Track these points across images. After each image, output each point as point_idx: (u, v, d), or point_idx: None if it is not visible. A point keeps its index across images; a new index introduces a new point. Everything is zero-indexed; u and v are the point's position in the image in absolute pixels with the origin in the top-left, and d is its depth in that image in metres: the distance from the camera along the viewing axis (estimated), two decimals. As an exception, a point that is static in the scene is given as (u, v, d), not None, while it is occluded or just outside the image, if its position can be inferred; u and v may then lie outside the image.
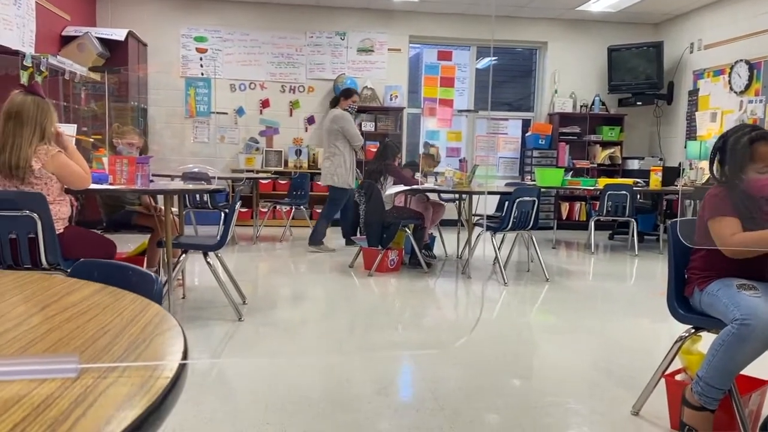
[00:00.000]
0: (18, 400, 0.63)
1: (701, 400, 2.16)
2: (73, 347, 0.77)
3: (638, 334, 3.87)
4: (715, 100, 7.51)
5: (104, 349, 0.77)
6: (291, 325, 3.75)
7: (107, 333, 0.83)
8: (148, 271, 1.13)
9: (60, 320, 0.88)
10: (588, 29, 8.83)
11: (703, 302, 2.30)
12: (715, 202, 2.26)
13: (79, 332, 0.84)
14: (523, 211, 5.14)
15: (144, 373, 0.68)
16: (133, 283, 1.09)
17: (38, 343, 0.79)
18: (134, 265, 1.20)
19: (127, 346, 0.78)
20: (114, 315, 0.91)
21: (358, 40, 8.61)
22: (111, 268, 1.19)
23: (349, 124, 6.42)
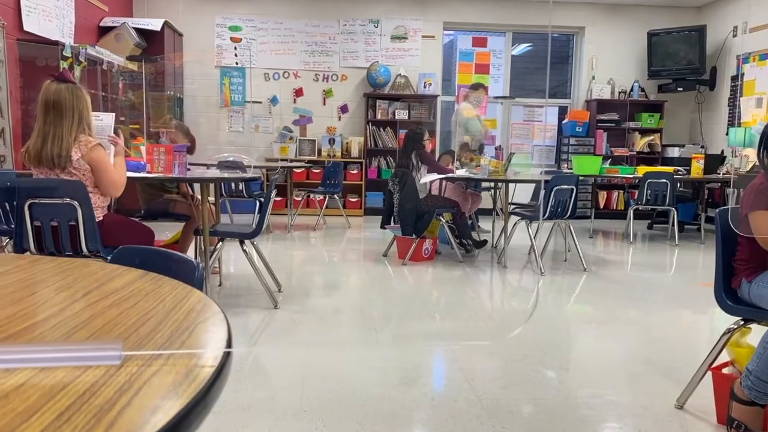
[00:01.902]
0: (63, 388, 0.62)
1: (751, 395, 2.08)
2: (117, 334, 0.76)
3: (680, 326, 3.77)
4: (761, 84, 7.26)
5: (147, 336, 0.76)
6: (326, 314, 3.75)
7: (150, 319, 0.82)
8: (189, 258, 1.12)
9: (102, 306, 0.87)
10: (627, 13, 8.61)
11: (753, 293, 2.22)
12: (755, 194, 2.17)
13: (122, 318, 0.83)
14: (560, 200, 5.05)
15: (188, 362, 0.67)
16: (174, 269, 1.09)
17: (82, 330, 0.78)
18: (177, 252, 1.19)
19: (171, 334, 0.76)
20: (156, 301, 0.90)
21: (392, 28, 8.54)
22: (151, 255, 1.19)
23: (471, 118, 6.64)
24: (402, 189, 5.26)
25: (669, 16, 8.52)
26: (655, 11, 8.56)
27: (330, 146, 8.45)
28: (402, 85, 8.53)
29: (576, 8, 8.60)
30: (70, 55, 5.77)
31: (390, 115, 8.47)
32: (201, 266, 1.09)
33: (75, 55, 5.88)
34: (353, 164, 8.41)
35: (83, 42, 6.44)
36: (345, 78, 8.53)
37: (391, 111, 8.49)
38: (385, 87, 8.46)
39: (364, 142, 8.42)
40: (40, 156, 2.86)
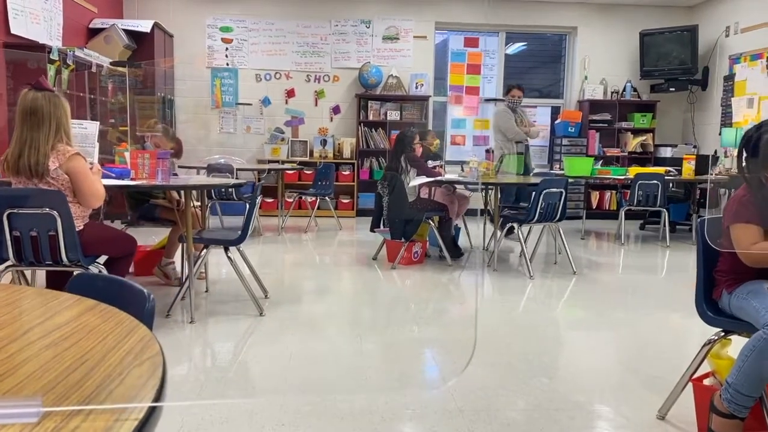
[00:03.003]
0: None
1: (730, 408, 2.07)
2: (44, 383, 0.74)
3: (669, 331, 3.76)
4: (752, 85, 7.24)
5: (76, 385, 0.74)
6: (311, 321, 3.73)
7: (85, 363, 0.79)
8: (141, 288, 1.10)
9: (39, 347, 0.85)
10: (619, 13, 8.59)
11: (733, 305, 2.20)
12: (737, 207, 2.16)
13: (56, 363, 0.81)
14: (549, 203, 5.03)
15: (110, 416, 0.65)
16: (127, 299, 1.06)
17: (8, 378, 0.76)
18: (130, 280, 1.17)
19: (101, 381, 0.74)
20: (97, 340, 0.87)
21: (384, 28, 8.51)
22: (106, 283, 1.17)
23: (503, 119, 6.83)
24: (391, 192, 5.24)
25: (661, 16, 8.51)
26: (648, 11, 8.54)
27: (322, 147, 8.42)
28: (394, 85, 8.51)
29: (568, 8, 8.58)
30: (57, 58, 5.74)
31: (382, 116, 8.45)
32: (152, 297, 1.07)
33: (62, 57, 5.85)
34: (345, 165, 8.39)
35: (72, 44, 6.40)
36: (337, 79, 8.50)
37: (383, 112, 8.46)
38: (376, 88, 8.43)
39: (356, 143, 8.40)
40: (18, 165, 2.83)
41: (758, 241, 2.11)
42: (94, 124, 3.45)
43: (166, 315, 3.66)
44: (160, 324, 3.52)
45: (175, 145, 4.64)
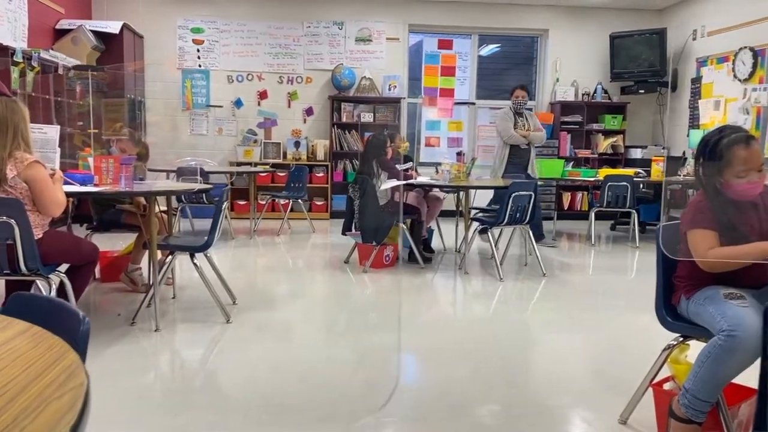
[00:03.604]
0: None
1: (688, 413, 2.09)
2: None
3: (636, 333, 3.79)
4: (718, 87, 7.36)
5: (-9, 419, 0.71)
6: (281, 327, 3.70)
7: (5, 395, 0.77)
8: (76, 310, 1.07)
9: (-39, 377, 0.82)
10: (590, 16, 8.68)
11: (690, 311, 2.23)
12: (693, 212, 2.19)
13: (-27, 394, 0.78)
14: (519, 206, 5.06)
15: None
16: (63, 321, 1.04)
17: None
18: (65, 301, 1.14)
19: (17, 415, 0.72)
20: (23, 368, 0.85)
21: (356, 30, 8.50)
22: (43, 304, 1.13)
23: (501, 122, 6.63)
24: (362, 196, 5.23)
25: (631, 18, 8.61)
26: (617, 14, 8.64)
27: (295, 149, 8.38)
28: (367, 87, 8.49)
29: (539, 10, 8.65)
30: (21, 59, 5.63)
31: (355, 118, 8.43)
32: (87, 320, 1.04)
33: (27, 59, 5.74)
34: (319, 167, 8.36)
35: (37, 45, 6.28)
36: (310, 80, 8.46)
37: (356, 113, 8.45)
38: (350, 89, 8.41)
39: (330, 145, 8.37)
40: (-26, 174, 2.76)
41: (715, 246, 2.13)
42: (55, 129, 3.38)
43: (131, 323, 3.60)
44: (124, 332, 3.47)
45: (141, 149, 4.57)
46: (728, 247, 2.10)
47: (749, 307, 2.03)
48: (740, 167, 2.10)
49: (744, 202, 2.16)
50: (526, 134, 6.53)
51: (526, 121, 6.62)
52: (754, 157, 2.11)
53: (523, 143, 6.53)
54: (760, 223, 2.20)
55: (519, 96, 6.57)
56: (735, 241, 2.10)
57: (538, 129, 6.62)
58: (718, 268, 2.13)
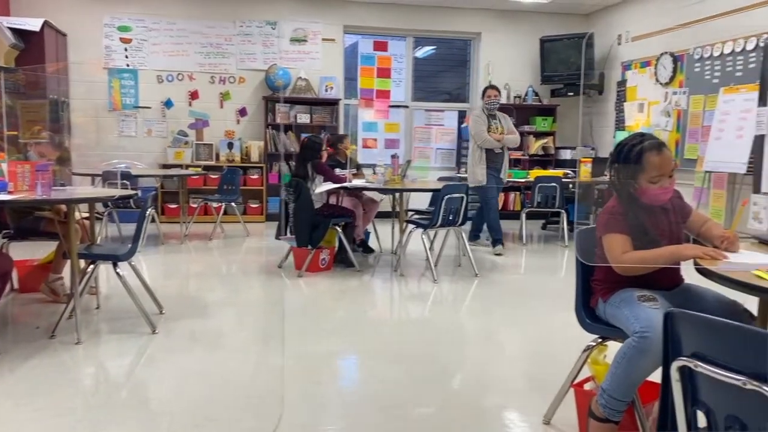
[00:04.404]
0: None
1: (605, 412, 2.16)
2: None
3: (564, 333, 3.88)
4: (642, 90, 7.66)
5: None
6: (211, 335, 3.62)
7: None
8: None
9: None
10: (521, 20, 8.87)
11: (607, 313, 2.30)
12: (607, 218, 2.26)
13: None
14: (452, 208, 5.12)
15: None
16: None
17: None
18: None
19: None
20: None
21: (291, 30, 8.41)
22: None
23: (474, 124, 6.33)
24: (296, 199, 5.18)
25: (560, 23, 8.85)
26: (547, 18, 8.86)
27: (229, 150, 8.22)
28: (303, 88, 8.42)
29: (472, 14, 8.78)
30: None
31: (291, 119, 8.35)
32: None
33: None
34: (254, 169, 8.23)
35: (-52, 43, 5.93)
36: (243, 80, 8.32)
37: (292, 114, 8.36)
38: (285, 90, 8.32)
39: (265, 147, 8.25)
40: None
41: (629, 250, 2.21)
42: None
43: (51, 335, 3.45)
44: (43, 346, 3.31)
45: (63, 152, 4.38)
46: (641, 251, 2.18)
47: (660, 308, 2.11)
48: (653, 173, 2.18)
49: (656, 206, 2.25)
50: (500, 138, 6.21)
51: (500, 123, 6.34)
52: (665, 163, 2.19)
53: (497, 147, 6.23)
54: (671, 227, 2.29)
55: (491, 96, 6.29)
56: (647, 245, 2.18)
57: (511, 132, 6.36)
58: (632, 271, 2.20)
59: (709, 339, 1.30)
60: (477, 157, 6.25)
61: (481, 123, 6.22)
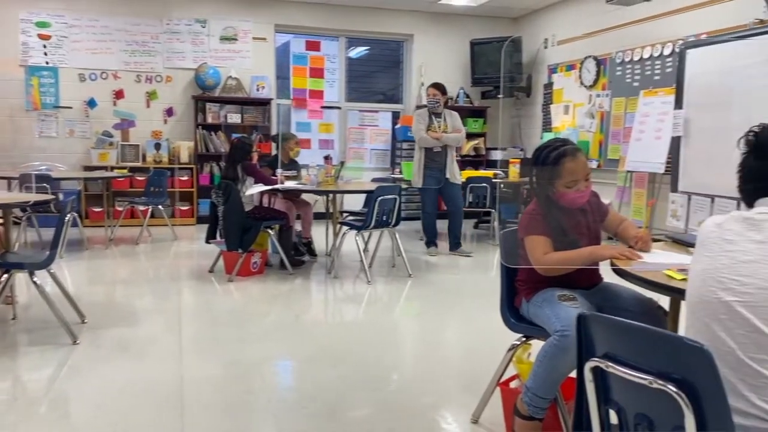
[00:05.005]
0: None
1: (530, 410, 2.21)
2: None
3: (493, 332, 3.95)
4: (567, 93, 7.92)
5: None
6: (137, 344, 3.50)
7: None
8: None
9: None
10: (452, 23, 9.00)
11: (530, 312, 2.37)
12: (528, 220, 2.33)
13: None
14: (385, 209, 5.15)
15: None
16: None
17: None
18: None
19: None
20: None
21: (221, 28, 8.24)
22: None
23: (414, 123, 6.18)
24: (226, 202, 5.07)
25: (489, 26, 9.03)
26: (477, 21, 9.02)
27: (156, 151, 7.98)
28: (233, 87, 8.27)
29: (404, 16, 8.84)
30: None
31: (222, 119, 8.18)
32: None
33: None
34: (183, 170, 8.02)
35: None
36: (170, 79, 8.09)
37: (222, 114, 8.20)
38: (215, 89, 8.15)
39: (194, 147, 8.06)
40: None
41: (549, 251, 2.27)
42: None
43: (-39, 350, 3.26)
44: (-49, 361, 3.13)
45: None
46: (561, 252, 2.25)
47: (580, 307, 2.19)
48: (569, 178, 2.26)
49: (573, 209, 2.33)
50: (438, 136, 6.04)
51: (444, 121, 6.15)
52: (580, 168, 2.27)
53: (435, 146, 6.07)
54: (589, 227, 2.37)
55: (430, 94, 6.17)
56: (566, 246, 2.25)
57: (456, 130, 6.17)
58: (552, 272, 2.27)
59: (619, 340, 1.35)
60: (417, 156, 6.21)
61: (420, 121, 6.13)
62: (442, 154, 6.14)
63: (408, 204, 8.60)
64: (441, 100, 6.17)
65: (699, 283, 1.47)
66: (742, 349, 1.34)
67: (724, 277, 1.40)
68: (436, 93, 6.15)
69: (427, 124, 6.12)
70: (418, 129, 6.13)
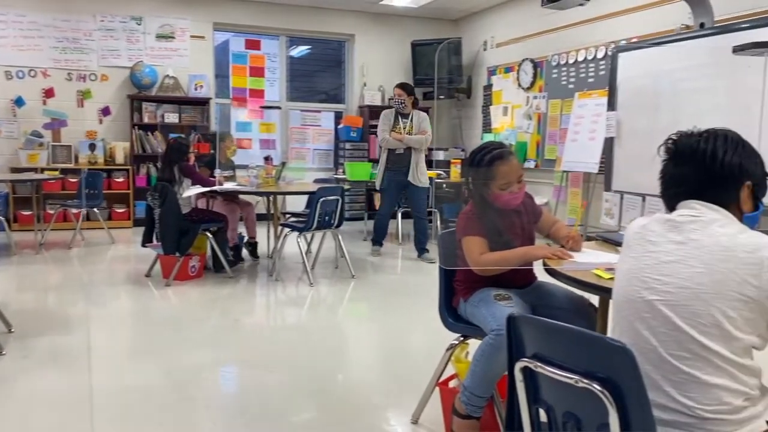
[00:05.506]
0: None
1: (467, 409, 2.24)
2: None
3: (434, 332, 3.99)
4: (506, 95, 8.07)
5: None
6: (69, 354, 3.37)
7: None
8: None
9: None
10: (393, 23, 9.04)
11: (468, 312, 2.40)
12: (465, 221, 2.36)
13: None
14: (327, 210, 5.12)
15: None
16: None
17: None
18: None
19: None
20: None
21: (157, 26, 8.03)
22: None
23: (379, 122, 5.99)
24: (162, 204, 4.94)
25: (430, 27, 9.11)
26: (418, 22, 9.09)
27: (90, 152, 7.71)
28: (171, 86, 8.08)
29: (346, 16, 8.83)
30: None
31: (159, 119, 7.98)
32: None
33: None
34: (119, 172, 7.78)
35: None
36: (105, 78, 7.83)
37: (159, 114, 7.99)
38: (151, 88, 7.94)
39: (131, 148, 7.83)
40: None
41: (485, 252, 2.31)
42: None
43: None
44: None
45: None
46: (497, 252, 2.29)
47: (515, 307, 2.23)
48: (502, 180, 2.30)
49: (508, 210, 2.37)
50: (401, 138, 5.90)
51: (411, 122, 5.99)
52: (513, 171, 2.32)
53: (398, 147, 5.93)
54: (523, 228, 2.43)
55: (396, 94, 6.01)
56: (502, 247, 2.30)
57: (421, 132, 5.97)
58: (489, 272, 2.31)
59: (547, 340, 1.38)
60: (381, 158, 6.09)
61: (385, 122, 6.00)
62: (405, 157, 5.97)
63: (351, 204, 8.61)
64: (407, 100, 6.00)
65: (624, 283, 1.52)
66: (664, 346, 1.40)
67: (647, 276, 1.46)
68: (401, 93, 5.99)
69: (391, 125, 6.00)
70: (381, 130, 6.00)
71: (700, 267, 1.39)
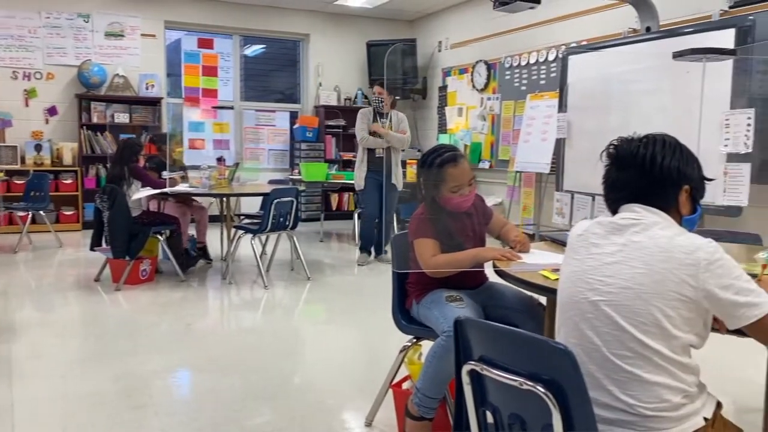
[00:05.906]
0: None
1: (420, 411, 2.26)
2: None
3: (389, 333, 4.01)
4: (461, 96, 8.15)
5: None
6: (16, 361, 3.25)
7: None
8: None
9: None
10: (349, 24, 9.03)
11: (420, 314, 2.41)
12: (417, 223, 2.38)
13: None
14: (282, 212, 5.08)
15: None
16: None
17: None
18: None
19: None
20: None
21: (106, 24, 7.83)
22: None
23: (357, 122, 5.76)
24: (111, 206, 4.83)
25: (386, 28, 9.13)
26: (374, 23, 9.11)
27: (36, 153, 7.47)
28: (121, 86, 7.89)
29: (300, 15, 8.78)
30: None
31: (108, 119, 7.78)
32: None
33: None
34: (67, 173, 7.55)
35: None
36: (51, 76, 7.60)
37: (109, 114, 7.80)
38: (100, 88, 7.74)
39: (79, 149, 7.62)
40: None
41: (437, 253, 2.33)
42: None
43: None
44: None
45: None
46: (448, 254, 2.31)
47: (466, 307, 2.26)
48: (452, 183, 2.32)
49: (459, 212, 2.40)
50: (385, 132, 5.72)
51: (389, 122, 5.85)
52: (463, 174, 2.34)
53: (377, 147, 5.77)
54: (474, 230, 2.45)
55: (375, 93, 5.88)
56: (454, 248, 2.32)
57: (400, 131, 5.84)
58: (441, 273, 2.33)
59: (492, 343, 1.40)
60: (359, 158, 5.91)
61: (363, 121, 5.81)
62: (386, 157, 5.79)
63: (308, 205, 8.56)
64: (386, 99, 5.87)
65: (569, 285, 1.56)
66: (607, 346, 1.43)
67: (591, 278, 1.49)
68: (381, 92, 5.84)
69: (369, 124, 5.83)
70: (359, 129, 5.81)
71: (641, 268, 1.43)
